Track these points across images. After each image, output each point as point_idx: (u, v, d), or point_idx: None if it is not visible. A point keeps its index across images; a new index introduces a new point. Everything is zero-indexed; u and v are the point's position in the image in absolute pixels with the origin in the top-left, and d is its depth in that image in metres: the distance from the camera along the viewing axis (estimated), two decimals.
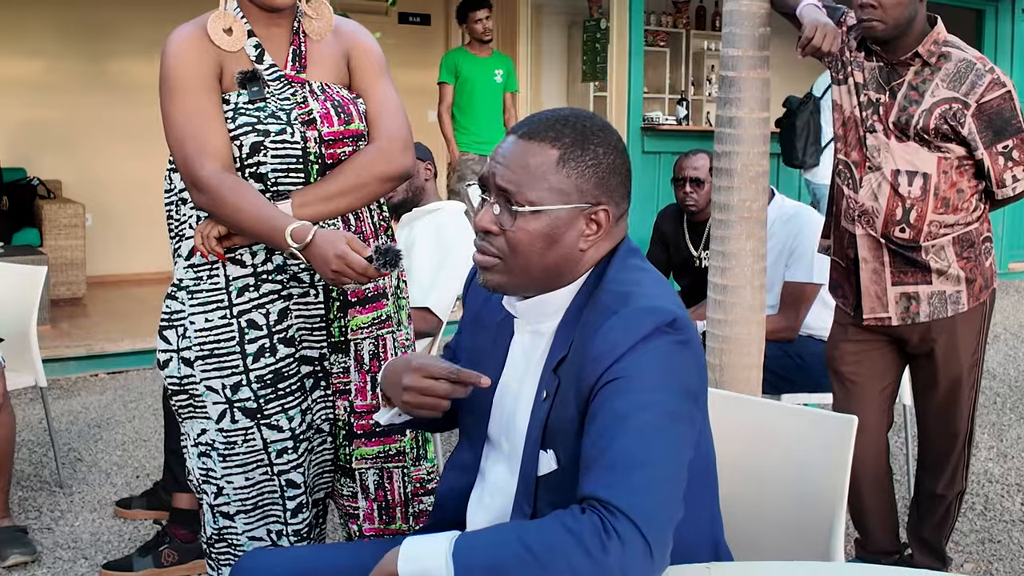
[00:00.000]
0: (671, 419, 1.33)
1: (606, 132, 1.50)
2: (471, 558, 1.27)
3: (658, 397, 1.33)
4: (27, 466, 3.99)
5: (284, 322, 2.06)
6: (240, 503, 2.09)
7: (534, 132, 1.46)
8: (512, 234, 1.45)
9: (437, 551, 1.28)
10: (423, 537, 1.33)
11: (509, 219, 1.45)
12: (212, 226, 2.01)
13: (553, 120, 1.47)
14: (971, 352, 2.77)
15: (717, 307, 2.72)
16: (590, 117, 1.51)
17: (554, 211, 1.44)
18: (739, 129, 2.68)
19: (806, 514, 1.76)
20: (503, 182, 1.45)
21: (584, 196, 1.46)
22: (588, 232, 1.47)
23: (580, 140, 1.46)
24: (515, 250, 1.46)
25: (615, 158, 1.49)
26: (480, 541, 1.30)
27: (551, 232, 1.45)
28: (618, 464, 1.28)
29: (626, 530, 1.22)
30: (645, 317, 1.37)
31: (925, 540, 2.95)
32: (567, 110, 1.51)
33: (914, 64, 2.64)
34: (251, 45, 2.06)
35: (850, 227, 2.77)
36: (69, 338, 5.63)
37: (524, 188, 1.44)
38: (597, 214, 1.47)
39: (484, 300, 1.66)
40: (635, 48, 7.46)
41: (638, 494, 1.26)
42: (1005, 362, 5.77)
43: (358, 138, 2.10)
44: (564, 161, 1.44)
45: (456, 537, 1.30)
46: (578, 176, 1.45)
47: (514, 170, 1.45)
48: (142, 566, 3.02)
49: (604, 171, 1.47)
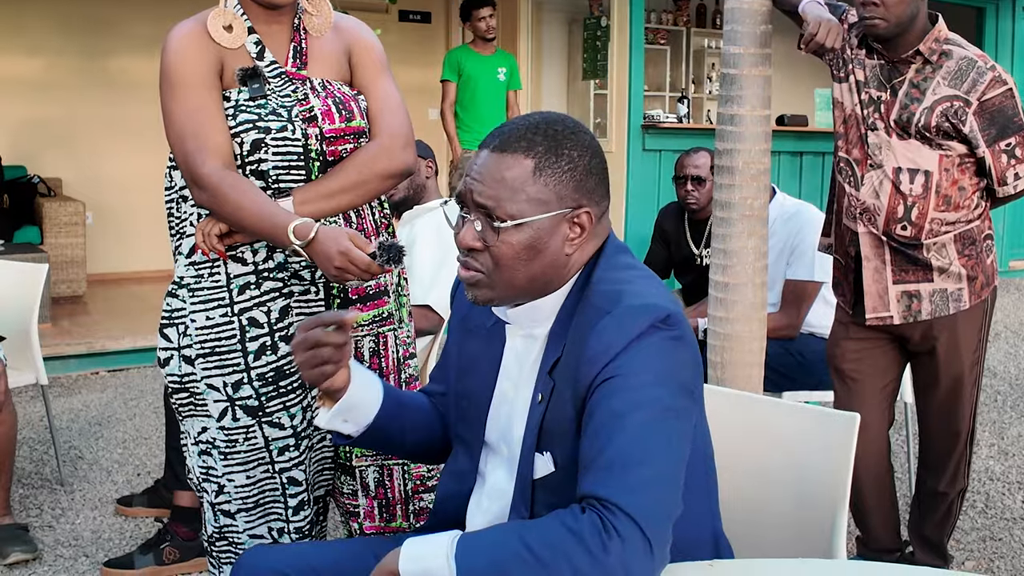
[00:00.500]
0: (668, 416, 1.33)
1: (578, 134, 1.48)
2: (473, 558, 1.27)
3: (654, 394, 1.33)
4: (28, 464, 3.99)
5: (285, 320, 2.06)
6: (241, 501, 2.08)
7: (506, 144, 1.44)
8: (496, 249, 1.44)
9: (439, 551, 1.28)
10: (424, 537, 1.33)
11: (492, 235, 1.44)
12: (213, 224, 2.01)
13: (524, 129, 1.45)
14: (972, 350, 2.76)
15: (718, 305, 2.72)
16: (560, 120, 1.49)
17: (536, 221, 1.43)
18: (740, 127, 2.67)
19: (808, 512, 1.76)
20: (481, 198, 1.44)
21: (564, 202, 1.45)
22: (572, 236, 1.46)
23: (553, 147, 1.44)
24: (499, 264, 1.45)
25: (590, 159, 1.47)
26: (482, 541, 1.30)
27: (534, 243, 1.44)
28: (616, 463, 1.28)
29: (626, 528, 1.22)
30: (638, 315, 1.37)
31: (926, 538, 2.95)
32: (537, 115, 1.50)
33: (915, 62, 2.64)
34: (252, 42, 2.06)
35: (851, 225, 2.77)
36: (70, 336, 5.63)
37: (503, 202, 1.43)
38: (580, 217, 1.46)
39: (471, 306, 1.65)
40: (635, 46, 7.45)
41: (636, 492, 1.26)
42: (1006, 360, 5.77)
43: (359, 135, 2.09)
44: (540, 170, 1.43)
45: (458, 537, 1.30)
46: (556, 183, 1.44)
47: (490, 185, 1.43)
48: (143, 564, 3.02)
49: (581, 173, 1.46)
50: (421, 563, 1.28)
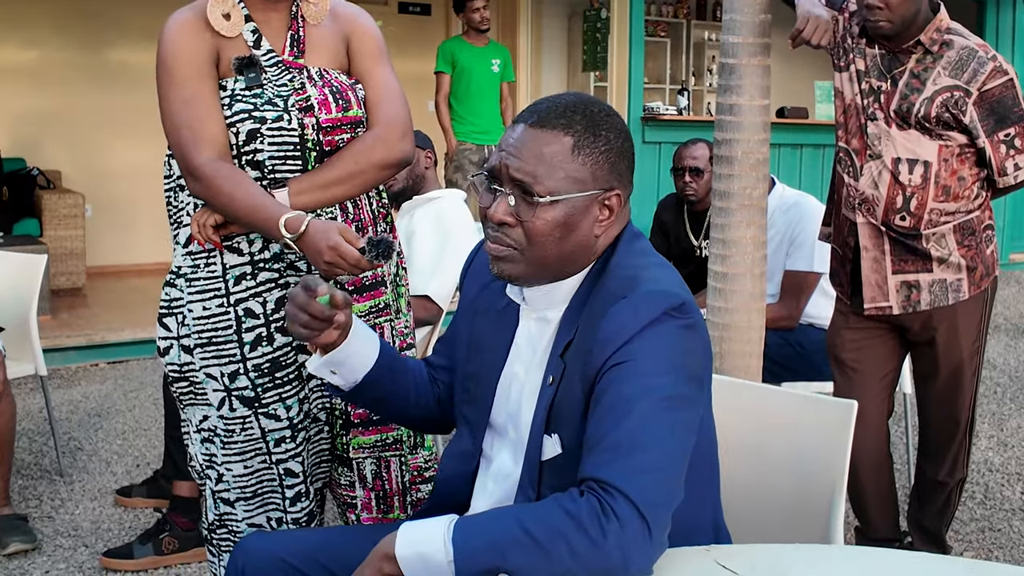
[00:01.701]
0: (676, 403, 1.33)
1: (612, 116, 1.49)
2: (471, 541, 1.26)
3: (664, 381, 1.33)
4: (27, 455, 3.99)
5: (281, 311, 2.05)
6: (240, 490, 2.08)
7: (545, 120, 1.45)
8: (530, 224, 1.44)
9: (435, 534, 1.28)
10: (421, 521, 1.33)
11: (527, 209, 1.44)
12: (208, 214, 1.99)
13: (563, 107, 1.46)
14: (972, 340, 2.76)
15: (717, 295, 2.71)
16: (595, 102, 1.51)
17: (572, 199, 1.44)
18: (739, 116, 2.67)
19: (806, 498, 1.76)
20: (519, 173, 1.43)
21: (599, 182, 1.45)
22: (602, 218, 1.47)
23: (592, 126, 1.45)
24: (532, 240, 1.45)
25: (623, 141, 1.49)
26: (479, 524, 1.30)
27: (568, 220, 1.44)
28: (620, 446, 1.28)
29: (624, 511, 1.22)
30: (653, 301, 1.37)
31: (925, 528, 2.95)
32: (571, 95, 1.51)
33: (916, 52, 2.63)
34: (248, 30, 2.04)
35: (850, 215, 2.76)
36: (69, 328, 5.63)
37: (541, 178, 1.43)
38: (610, 199, 1.47)
39: (482, 287, 1.65)
40: (635, 38, 7.45)
41: (638, 475, 1.26)
42: (1005, 352, 5.77)
43: (356, 125, 2.08)
44: (579, 148, 1.44)
45: (455, 520, 1.30)
46: (593, 163, 1.45)
47: (528, 160, 1.43)
48: (142, 553, 3.03)
49: (615, 155, 1.47)
50: (418, 547, 1.28)
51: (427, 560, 1.27)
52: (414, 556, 1.28)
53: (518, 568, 1.23)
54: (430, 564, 1.27)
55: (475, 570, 1.25)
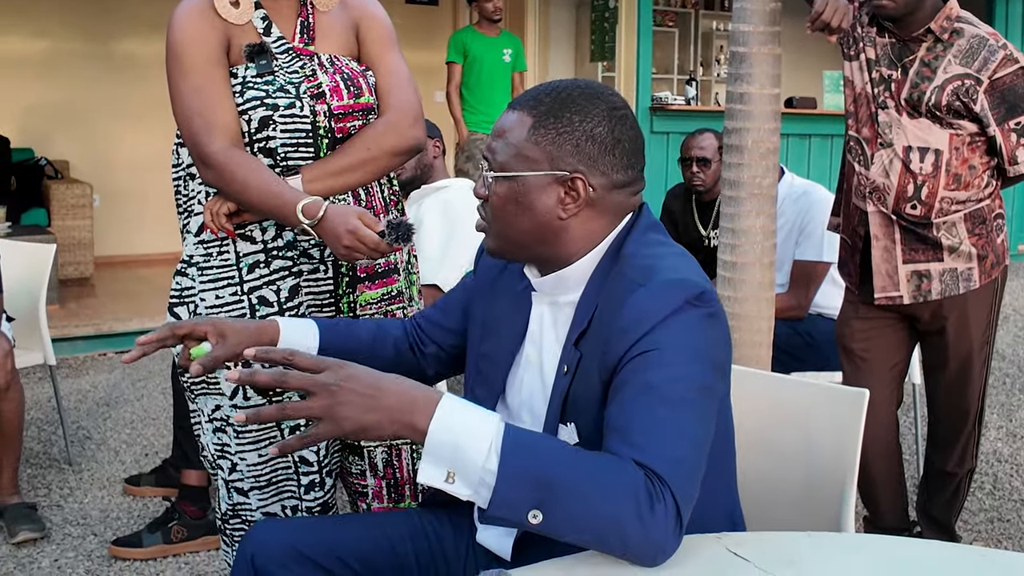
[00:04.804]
0: (701, 393, 1.31)
1: (594, 101, 1.46)
2: (519, 462, 1.19)
3: (690, 370, 1.31)
4: (36, 444, 4.00)
5: (295, 299, 2.04)
6: (254, 479, 2.08)
7: (521, 101, 1.48)
8: (492, 199, 1.49)
9: (482, 433, 1.19)
10: (464, 406, 1.23)
11: (488, 185, 1.49)
12: (221, 203, 1.99)
13: (543, 90, 1.48)
14: (982, 329, 2.75)
15: (726, 284, 2.71)
16: (584, 87, 1.48)
17: (520, 178, 1.45)
18: (749, 105, 2.66)
19: (817, 486, 1.76)
20: (487, 151, 1.49)
21: (555, 164, 1.44)
22: (567, 201, 1.46)
23: (556, 108, 1.45)
24: (494, 214, 1.50)
25: (595, 126, 1.45)
26: (532, 449, 1.22)
27: (519, 198, 1.46)
28: (654, 433, 1.25)
29: (668, 498, 1.20)
30: (675, 289, 1.35)
31: (934, 518, 2.95)
32: (568, 80, 1.50)
33: (926, 40, 2.62)
34: (258, 17, 2.04)
35: (861, 204, 2.76)
36: (77, 317, 5.65)
37: (497, 154, 1.48)
38: (573, 183, 1.45)
39: (502, 269, 1.65)
40: (643, 28, 7.42)
41: (677, 465, 1.23)
42: (1015, 343, 5.76)
43: (368, 111, 2.07)
44: (535, 128, 1.45)
45: (505, 428, 1.22)
46: (548, 143, 1.44)
47: (494, 137, 1.49)
48: (151, 542, 3.03)
49: (579, 139, 1.44)
50: (456, 436, 1.20)
51: (461, 454, 1.19)
52: (448, 443, 1.20)
53: (553, 517, 1.18)
54: (463, 460, 1.19)
55: (509, 495, 1.18)
